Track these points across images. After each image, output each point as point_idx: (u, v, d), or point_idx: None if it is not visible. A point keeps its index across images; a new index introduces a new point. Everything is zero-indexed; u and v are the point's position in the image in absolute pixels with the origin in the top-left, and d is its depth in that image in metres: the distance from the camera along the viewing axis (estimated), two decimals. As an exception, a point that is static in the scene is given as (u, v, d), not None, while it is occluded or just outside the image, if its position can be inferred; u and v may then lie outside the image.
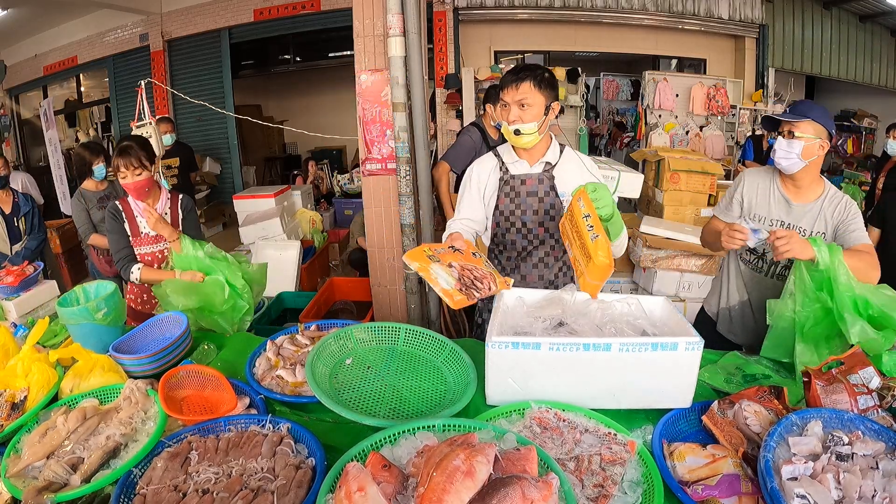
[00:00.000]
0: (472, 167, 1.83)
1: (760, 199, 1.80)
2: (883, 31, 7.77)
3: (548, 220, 1.76)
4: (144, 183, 2.11)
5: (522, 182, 1.74)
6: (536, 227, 1.77)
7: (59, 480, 1.08)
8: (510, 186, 1.75)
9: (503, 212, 1.77)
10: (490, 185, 1.78)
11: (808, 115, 1.63)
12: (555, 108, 1.69)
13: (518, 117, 1.62)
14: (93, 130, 9.46)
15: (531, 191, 1.74)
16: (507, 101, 1.63)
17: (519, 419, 1.19)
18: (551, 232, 1.78)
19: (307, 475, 1.02)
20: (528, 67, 1.64)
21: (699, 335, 1.21)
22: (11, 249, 3.12)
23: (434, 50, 6.66)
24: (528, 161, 1.75)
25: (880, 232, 2.76)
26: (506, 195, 1.76)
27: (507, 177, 1.75)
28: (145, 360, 1.51)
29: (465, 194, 1.82)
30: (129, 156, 2.06)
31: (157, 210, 2.17)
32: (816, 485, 0.94)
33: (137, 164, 2.07)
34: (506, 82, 1.64)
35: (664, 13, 6.99)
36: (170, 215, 2.24)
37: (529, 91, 1.61)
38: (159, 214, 2.06)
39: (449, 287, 1.35)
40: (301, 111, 9.82)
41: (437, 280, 1.36)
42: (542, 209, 1.75)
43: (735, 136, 7.17)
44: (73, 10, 7.46)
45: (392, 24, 2.46)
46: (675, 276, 3.14)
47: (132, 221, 2.19)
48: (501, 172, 1.76)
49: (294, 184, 5.88)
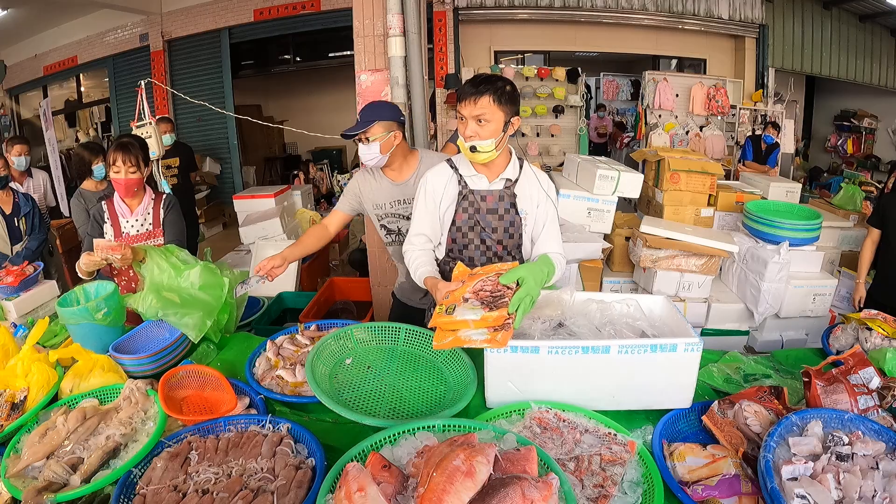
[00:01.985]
0: (426, 177, 1.70)
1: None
2: (883, 31, 7.78)
3: (507, 238, 1.68)
4: (135, 182, 2.13)
5: (483, 198, 1.64)
6: (495, 244, 1.69)
7: (58, 480, 1.08)
8: (469, 202, 1.64)
9: (461, 228, 1.67)
10: (447, 197, 1.66)
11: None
12: (514, 124, 1.57)
13: (475, 133, 1.51)
14: (93, 130, 9.46)
15: (491, 208, 1.64)
16: (465, 115, 1.51)
17: (519, 419, 1.19)
18: (509, 249, 1.71)
19: (307, 475, 1.02)
20: (488, 79, 1.52)
21: (698, 336, 1.21)
22: (12, 250, 3.12)
23: (434, 50, 6.66)
24: (487, 176, 1.64)
25: (880, 232, 2.76)
26: (464, 210, 1.65)
27: (466, 191, 1.64)
28: (145, 360, 1.51)
29: (419, 206, 1.69)
30: (129, 152, 2.08)
31: (140, 210, 2.21)
32: (816, 485, 0.94)
33: (134, 162, 2.09)
34: (464, 94, 1.51)
35: (664, 13, 6.99)
36: (152, 214, 2.25)
37: (488, 106, 1.49)
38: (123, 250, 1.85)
39: (483, 336, 1.20)
40: (301, 111, 9.82)
41: (471, 337, 1.21)
42: (501, 227, 1.66)
43: (735, 136, 7.17)
44: (73, 10, 7.46)
45: (392, 24, 2.46)
46: (675, 276, 3.14)
47: (115, 222, 2.21)
48: (460, 186, 1.65)
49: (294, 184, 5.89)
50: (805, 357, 1.61)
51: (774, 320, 3.16)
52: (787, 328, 3.20)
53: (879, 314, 1.62)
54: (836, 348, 1.60)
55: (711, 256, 3.07)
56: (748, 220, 3.19)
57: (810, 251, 3.11)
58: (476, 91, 1.49)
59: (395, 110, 1.92)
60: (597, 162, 3.50)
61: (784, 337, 3.20)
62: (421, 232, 1.69)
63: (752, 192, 3.64)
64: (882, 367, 1.32)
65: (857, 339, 1.58)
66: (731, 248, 3.02)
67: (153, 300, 1.66)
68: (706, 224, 3.51)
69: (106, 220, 2.21)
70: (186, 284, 1.74)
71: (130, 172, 2.10)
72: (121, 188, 2.13)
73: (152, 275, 1.74)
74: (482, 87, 1.50)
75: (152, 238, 2.23)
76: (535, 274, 1.34)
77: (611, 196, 3.28)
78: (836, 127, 8.98)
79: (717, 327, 3.19)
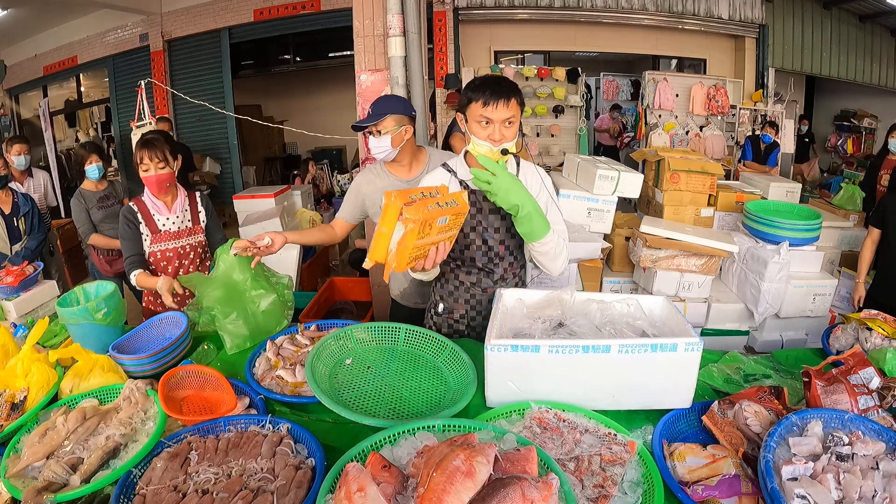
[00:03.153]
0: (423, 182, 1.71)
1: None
2: (883, 31, 7.78)
3: (509, 238, 1.69)
4: (166, 177, 2.06)
5: (485, 198, 1.62)
6: (497, 244, 1.69)
7: (58, 481, 1.08)
8: (470, 202, 1.62)
9: (462, 228, 1.64)
10: None
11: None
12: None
13: (503, 136, 1.49)
14: (93, 130, 9.46)
15: (493, 208, 1.63)
16: (494, 118, 1.47)
17: (519, 419, 1.19)
18: (511, 249, 1.71)
19: (307, 475, 1.02)
20: (506, 81, 1.51)
21: (699, 335, 1.21)
22: (11, 250, 3.12)
23: (434, 50, 6.67)
24: None
25: (880, 232, 2.76)
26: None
27: (468, 192, 1.62)
28: (145, 360, 1.51)
29: None
30: (155, 148, 2.02)
31: (177, 206, 2.15)
32: (816, 485, 0.94)
33: (161, 156, 2.03)
34: (492, 97, 1.46)
35: (664, 13, 6.99)
36: (190, 212, 2.20)
37: (516, 108, 1.49)
38: (172, 292, 1.89)
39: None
40: (301, 111, 9.81)
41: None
42: (504, 227, 1.67)
43: (735, 136, 7.18)
44: (73, 10, 7.46)
45: (392, 24, 2.47)
46: (675, 276, 3.14)
47: (149, 220, 2.12)
48: (462, 187, 1.64)
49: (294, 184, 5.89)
50: (805, 357, 1.61)
51: (774, 320, 3.16)
52: (787, 328, 3.19)
53: (879, 314, 1.62)
54: (836, 348, 1.60)
55: (711, 256, 3.07)
56: (748, 220, 3.19)
57: (810, 251, 3.11)
58: (506, 94, 1.47)
59: (407, 105, 1.92)
60: (597, 162, 3.50)
61: (784, 337, 3.19)
62: None
63: (752, 192, 3.64)
64: (882, 367, 1.32)
65: (857, 339, 1.58)
66: (731, 248, 3.02)
67: (219, 294, 1.67)
68: (706, 224, 3.51)
69: (140, 220, 2.11)
70: (254, 302, 1.73)
71: (160, 168, 2.03)
72: (153, 185, 2.05)
73: (228, 270, 1.72)
74: (507, 89, 1.48)
75: (192, 234, 2.19)
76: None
77: (611, 196, 3.28)
78: (836, 127, 8.98)
79: (717, 327, 3.19)
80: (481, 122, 1.49)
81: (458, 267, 1.76)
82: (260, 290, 1.75)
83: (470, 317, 1.78)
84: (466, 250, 1.71)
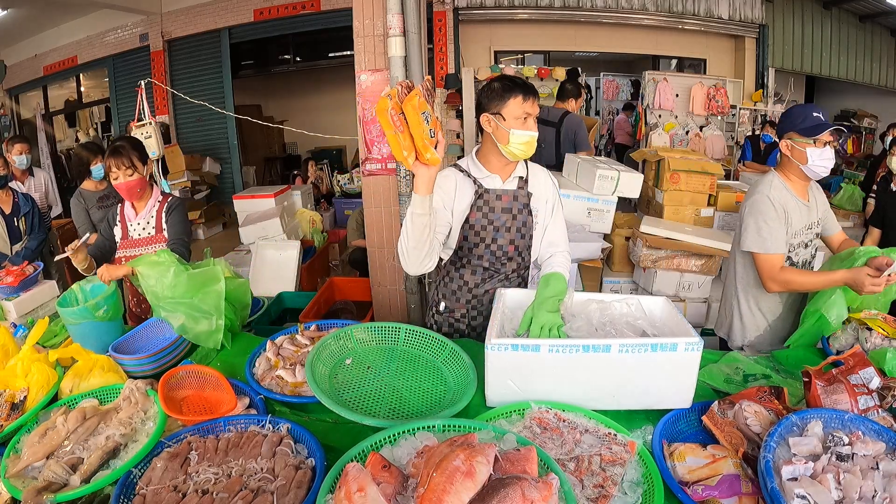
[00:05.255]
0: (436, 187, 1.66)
1: (791, 212, 1.83)
2: (883, 31, 7.78)
3: (518, 238, 1.72)
4: (135, 184, 2.10)
5: (498, 197, 1.69)
6: (507, 244, 1.72)
7: (58, 481, 1.08)
8: (484, 200, 1.68)
9: (473, 226, 1.69)
10: (463, 198, 1.67)
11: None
12: None
13: (532, 128, 1.60)
14: (93, 130, 9.47)
15: (506, 207, 1.69)
16: (531, 112, 1.59)
17: (519, 419, 1.19)
18: (520, 250, 1.74)
19: (307, 475, 1.02)
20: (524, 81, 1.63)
21: (699, 335, 1.21)
22: (11, 250, 3.12)
23: (434, 50, 6.67)
24: (500, 176, 1.69)
25: (880, 232, 2.76)
26: (478, 209, 1.68)
27: (482, 191, 1.68)
28: (145, 360, 1.51)
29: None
30: (121, 156, 2.05)
31: (143, 213, 2.18)
32: (817, 485, 0.94)
33: (128, 164, 2.06)
34: (528, 92, 1.59)
35: (664, 13, 6.99)
36: (155, 218, 2.20)
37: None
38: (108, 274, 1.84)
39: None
40: (301, 111, 9.82)
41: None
42: (514, 227, 1.70)
43: (735, 136, 7.17)
44: (73, 10, 7.47)
45: (392, 24, 2.46)
46: (675, 276, 3.14)
47: (124, 224, 2.20)
48: (476, 186, 1.68)
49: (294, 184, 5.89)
50: (805, 357, 1.61)
51: (774, 320, 3.16)
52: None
53: (879, 314, 1.62)
54: (836, 348, 1.60)
55: (711, 256, 3.07)
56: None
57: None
58: (531, 91, 1.60)
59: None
60: (597, 162, 3.49)
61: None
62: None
63: (752, 192, 3.64)
64: (882, 367, 1.32)
65: (857, 339, 1.58)
66: (731, 248, 3.02)
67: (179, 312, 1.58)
68: (706, 224, 3.51)
69: (117, 222, 2.19)
70: (176, 292, 1.59)
71: (128, 175, 2.07)
72: (123, 192, 2.11)
73: (149, 286, 1.61)
74: (529, 87, 1.60)
75: (155, 243, 2.16)
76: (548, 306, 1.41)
77: (611, 196, 3.28)
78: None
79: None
80: (521, 117, 1.58)
81: (462, 266, 1.77)
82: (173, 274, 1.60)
83: (471, 316, 1.79)
84: (475, 248, 1.72)
